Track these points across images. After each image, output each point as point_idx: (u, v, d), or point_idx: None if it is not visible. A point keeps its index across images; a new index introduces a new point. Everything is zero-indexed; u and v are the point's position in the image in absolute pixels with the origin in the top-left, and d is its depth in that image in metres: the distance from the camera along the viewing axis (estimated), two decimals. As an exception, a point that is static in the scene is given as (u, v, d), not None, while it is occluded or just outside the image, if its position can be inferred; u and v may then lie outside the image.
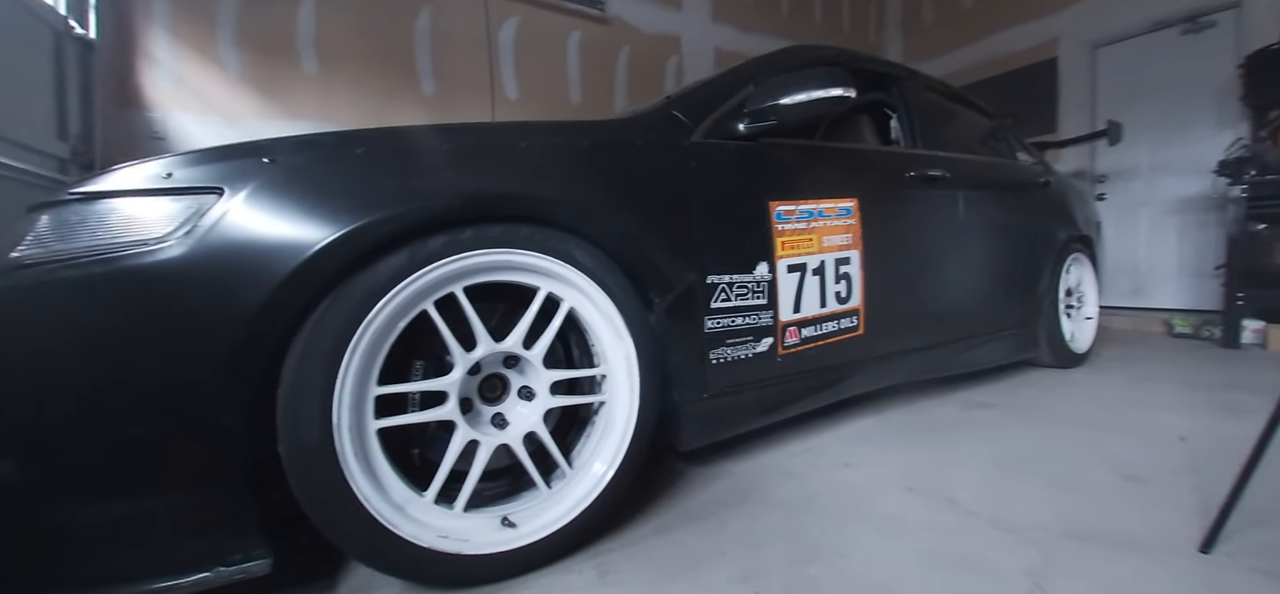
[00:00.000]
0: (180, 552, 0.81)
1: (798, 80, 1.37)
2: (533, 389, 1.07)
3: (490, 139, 1.08)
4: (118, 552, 0.80)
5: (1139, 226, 3.90)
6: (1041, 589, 0.94)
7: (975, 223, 2.06)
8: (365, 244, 0.85)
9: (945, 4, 5.02)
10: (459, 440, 0.96)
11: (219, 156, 0.90)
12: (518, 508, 1.02)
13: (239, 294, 0.81)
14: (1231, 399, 2.08)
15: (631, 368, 1.10)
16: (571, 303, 1.07)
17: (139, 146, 2.77)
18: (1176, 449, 1.58)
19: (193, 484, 0.81)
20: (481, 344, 0.98)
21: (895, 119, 2.10)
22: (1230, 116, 3.42)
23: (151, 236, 0.81)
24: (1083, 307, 2.72)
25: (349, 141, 0.97)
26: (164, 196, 0.85)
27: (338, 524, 0.84)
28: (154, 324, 0.80)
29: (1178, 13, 3.63)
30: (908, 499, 1.28)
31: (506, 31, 3.64)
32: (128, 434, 0.78)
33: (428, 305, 0.93)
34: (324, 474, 0.83)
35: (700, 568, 1.02)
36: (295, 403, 0.82)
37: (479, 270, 0.97)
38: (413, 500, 0.91)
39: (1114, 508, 1.23)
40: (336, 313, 0.84)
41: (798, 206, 1.48)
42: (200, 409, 0.80)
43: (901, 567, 1.02)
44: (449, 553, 0.90)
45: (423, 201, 0.91)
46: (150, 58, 2.80)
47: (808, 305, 1.50)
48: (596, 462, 1.08)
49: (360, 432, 0.87)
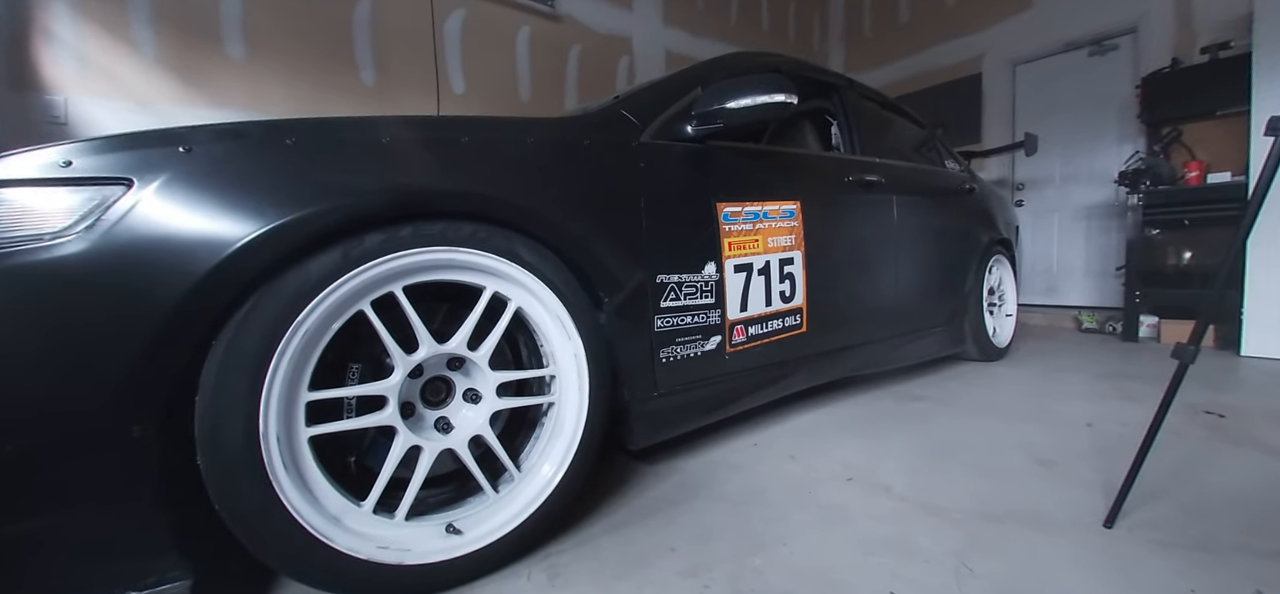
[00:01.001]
0: (87, 576, 0.74)
1: (744, 85, 1.40)
2: (479, 392, 1.05)
3: (431, 132, 1.04)
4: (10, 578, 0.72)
5: (1052, 231, 4.25)
6: (967, 568, 1.01)
7: (908, 225, 2.18)
8: (294, 241, 0.80)
9: (884, 19, 5.28)
10: (399, 447, 0.92)
11: (127, 144, 0.83)
12: (463, 514, 0.99)
13: (149, 294, 0.74)
14: (1130, 388, 2.30)
15: (581, 367, 1.10)
16: (518, 302, 1.05)
17: (37, 132, 2.51)
18: (1083, 434, 1.72)
19: (99, 502, 0.74)
20: (423, 346, 0.95)
21: (835, 126, 2.19)
22: (1130, 132, 3.78)
23: (47, 231, 0.74)
24: (1003, 304, 2.93)
25: (277, 131, 0.91)
26: (63, 187, 0.77)
27: (265, 539, 0.79)
28: (50, 327, 0.73)
29: (1085, 35, 3.97)
30: (847, 489, 1.34)
31: (453, 23, 3.53)
32: (18, 449, 0.70)
33: (364, 305, 0.89)
34: (249, 487, 0.78)
35: (650, 565, 1.02)
36: (216, 411, 0.76)
37: (419, 269, 0.93)
38: (349, 511, 0.87)
39: (1028, 490, 1.33)
40: (262, 314, 0.79)
41: (744, 208, 1.52)
42: (105, 420, 0.73)
43: (840, 553, 1.06)
44: (389, 564, 0.87)
45: (356, 197, 0.87)
46: (50, 35, 2.54)
47: (754, 304, 1.54)
48: (546, 464, 1.07)
49: (290, 440, 0.82)
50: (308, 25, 3.09)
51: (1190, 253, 3.13)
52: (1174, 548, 1.08)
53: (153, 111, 2.74)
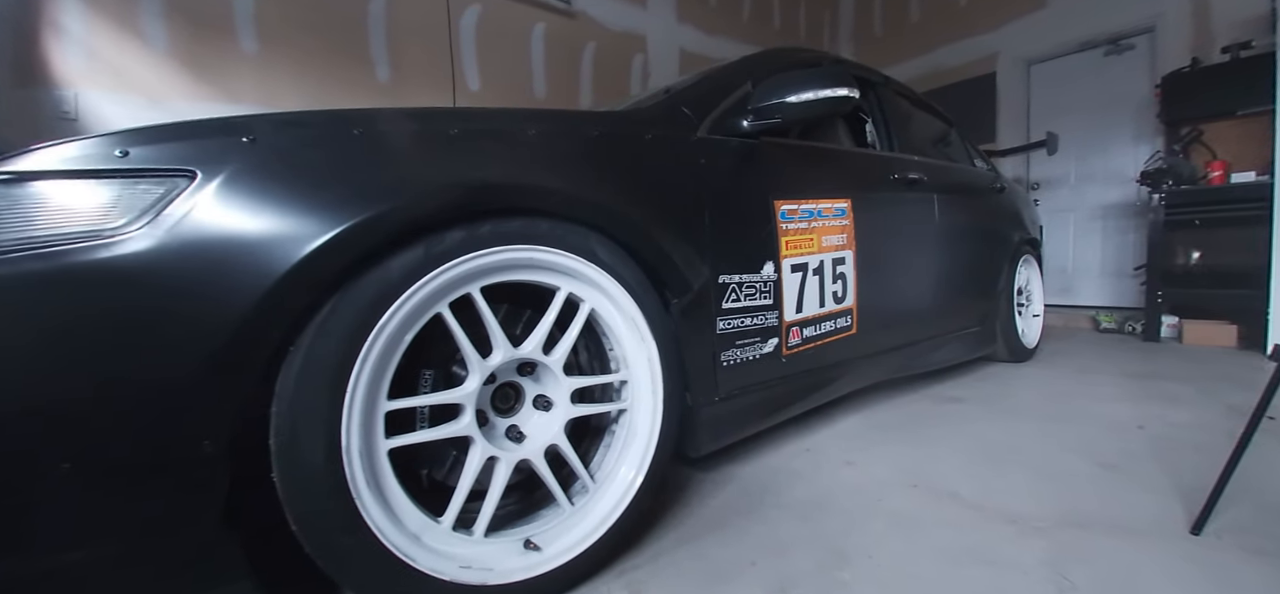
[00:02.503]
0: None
1: (803, 79, 1.36)
2: (550, 398, 0.99)
3: (498, 124, 0.99)
4: (68, 610, 0.66)
5: (1068, 230, 4.24)
6: (1066, 580, 0.97)
7: (948, 225, 2.14)
8: (377, 238, 0.74)
9: (894, 17, 5.27)
10: (477, 457, 0.87)
11: (187, 133, 0.77)
12: (539, 529, 0.93)
13: (222, 296, 0.68)
14: (1167, 388, 2.27)
15: (655, 372, 1.05)
16: (592, 304, 1.00)
17: (45, 128, 2.42)
18: (1137, 437, 1.69)
19: (166, 523, 0.68)
20: (499, 350, 0.89)
21: (869, 124, 2.15)
22: (1147, 131, 3.77)
23: (104, 226, 0.68)
24: (1030, 304, 2.90)
25: (343, 121, 0.85)
26: (121, 179, 0.71)
27: (347, 561, 0.73)
28: (110, 334, 0.66)
29: (1101, 35, 3.96)
30: (914, 496, 1.30)
31: (468, 19, 3.46)
32: (77, 467, 0.64)
33: (442, 307, 0.83)
34: (331, 504, 0.72)
35: (733, 580, 0.97)
36: (295, 423, 0.70)
37: (498, 269, 0.88)
38: (429, 528, 0.81)
39: (1099, 495, 1.29)
40: (343, 317, 0.73)
41: (800, 206, 1.48)
42: (174, 435, 0.67)
43: (927, 565, 1.02)
44: (472, 585, 0.81)
45: (439, 191, 0.81)
46: (59, 28, 2.45)
47: (809, 305, 1.50)
48: (620, 473, 1.02)
49: (370, 453, 0.76)
50: (321, 19, 3.02)
51: (1215, 252, 3.12)
52: (1268, 555, 1.04)
53: (164, 107, 2.66)
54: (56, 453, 0.64)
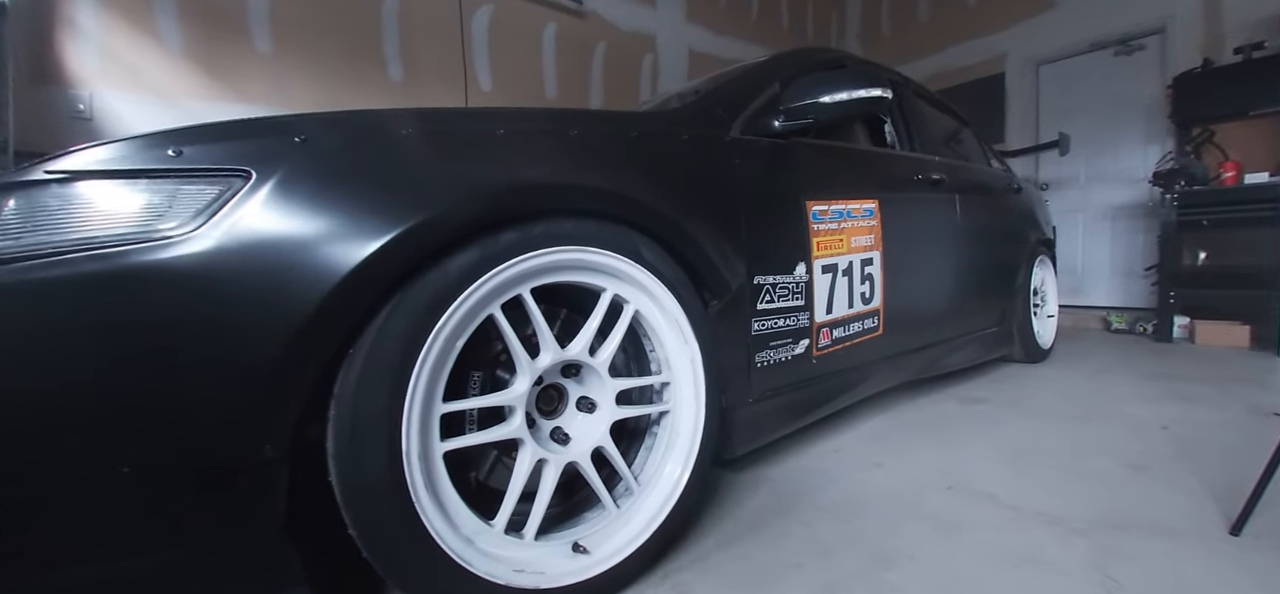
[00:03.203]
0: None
1: (837, 79, 1.35)
2: (593, 400, 0.99)
3: (543, 125, 0.98)
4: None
5: (1077, 231, 4.24)
6: (1113, 580, 0.96)
7: (968, 225, 2.14)
8: (437, 238, 0.74)
9: (903, 18, 5.27)
10: (527, 460, 0.86)
11: (239, 132, 0.76)
12: (585, 531, 0.93)
13: (283, 298, 0.67)
14: (1185, 389, 2.27)
15: (697, 373, 1.04)
16: (636, 305, 0.99)
17: (59, 128, 2.41)
18: (1162, 438, 1.69)
19: (227, 529, 0.67)
20: (547, 352, 0.89)
21: (888, 124, 2.14)
22: (1157, 132, 3.78)
23: (163, 228, 0.67)
24: (1045, 305, 2.90)
25: (391, 121, 0.85)
26: (177, 179, 0.70)
27: (407, 567, 0.73)
28: (170, 336, 0.65)
29: (1111, 35, 3.97)
30: (950, 497, 1.29)
31: (480, 19, 3.46)
32: (138, 472, 0.63)
33: (495, 309, 0.83)
34: (391, 509, 0.71)
35: (779, 583, 0.97)
36: (356, 427, 0.70)
37: (549, 270, 0.87)
38: (482, 531, 0.80)
39: (1134, 497, 1.29)
40: (402, 319, 0.72)
41: (830, 207, 1.47)
42: (235, 439, 0.66)
43: (973, 567, 1.01)
44: (526, 588, 0.80)
45: (495, 191, 0.80)
46: (73, 27, 2.44)
47: (838, 306, 1.49)
48: (664, 475, 1.01)
49: (427, 456, 0.76)
50: (334, 19, 3.01)
51: (1227, 253, 3.12)
52: (1311, 558, 1.03)
53: (177, 107, 2.65)
54: (116, 458, 0.64)
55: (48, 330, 0.63)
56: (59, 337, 0.63)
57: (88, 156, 0.71)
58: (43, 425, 0.63)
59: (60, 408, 0.63)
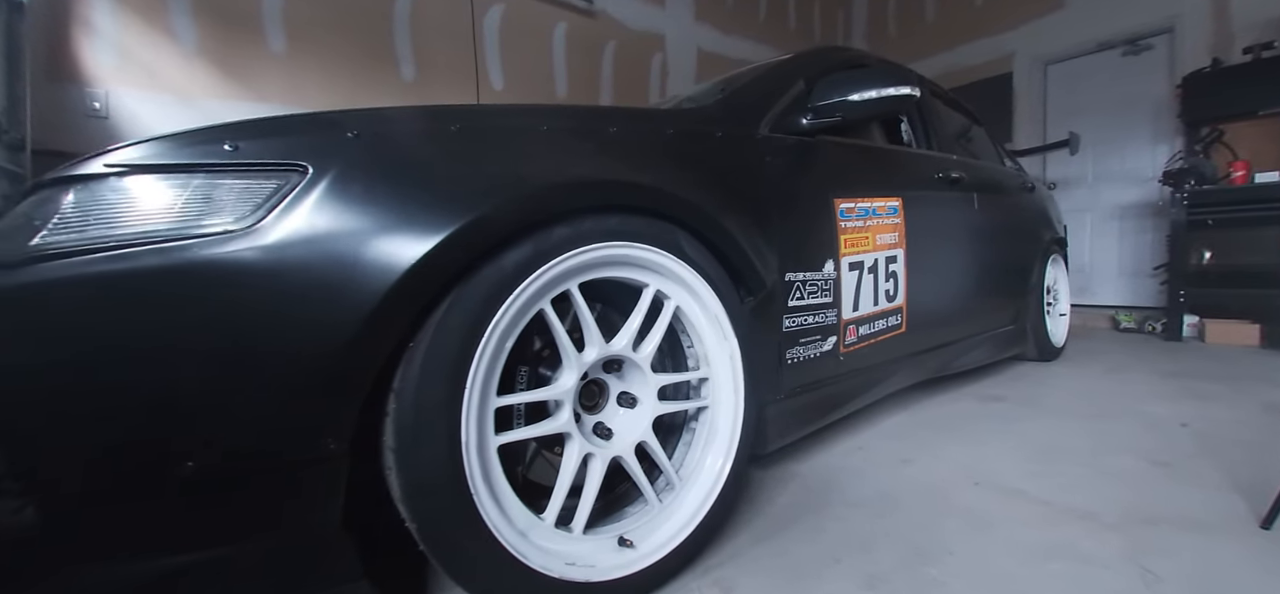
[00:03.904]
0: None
1: (865, 77, 1.36)
2: (634, 395, 0.99)
3: (583, 122, 0.99)
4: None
5: (1085, 230, 4.25)
6: (1152, 573, 0.97)
7: (985, 223, 2.15)
8: (495, 234, 0.75)
9: (909, 18, 5.28)
10: (575, 454, 0.87)
11: (293, 128, 0.77)
12: (629, 526, 0.93)
13: (345, 292, 0.67)
14: (1199, 387, 2.28)
15: (736, 369, 1.05)
16: (677, 301, 1.00)
17: (75, 126, 2.41)
18: (1182, 435, 1.69)
19: (291, 523, 0.68)
20: (593, 347, 0.89)
21: (905, 122, 2.15)
22: (1165, 131, 3.79)
23: (224, 222, 0.67)
24: (1057, 303, 2.91)
25: (439, 116, 0.86)
26: (234, 174, 0.70)
27: (466, 561, 0.73)
28: (232, 331, 0.65)
29: (1119, 35, 3.98)
30: (980, 494, 1.30)
31: (491, 18, 3.46)
32: (201, 468, 0.64)
33: (545, 304, 0.83)
34: (452, 502, 0.72)
35: (820, 577, 0.97)
36: (418, 421, 0.70)
37: (597, 265, 0.88)
38: (534, 525, 0.81)
39: (1161, 493, 1.30)
40: (461, 313, 0.73)
41: (857, 204, 1.48)
42: (299, 434, 0.67)
43: (1011, 561, 1.02)
44: (578, 582, 0.81)
45: (549, 187, 0.81)
46: (89, 25, 2.44)
47: (864, 303, 1.50)
48: (704, 471, 1.02)
49: (483, 451, 0.76)
50: (348, 19, 3.01)
51: (1237, 252, 3.13)
52: (1344, 551, 1.04)
53: (193, 106, 2.66)
54: (180, 454, 0.64)
55: (110, 325, 0.63)
56: (122, 332, 0.63)
57: (143, 151, 0.71)
58: (106, 422, 0.63)
59: (123, 404, 0.63)
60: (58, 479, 0.63)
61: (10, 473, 0.64)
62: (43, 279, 0.63)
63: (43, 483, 0.63)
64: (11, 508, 0.65)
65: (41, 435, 0.62)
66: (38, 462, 0.63)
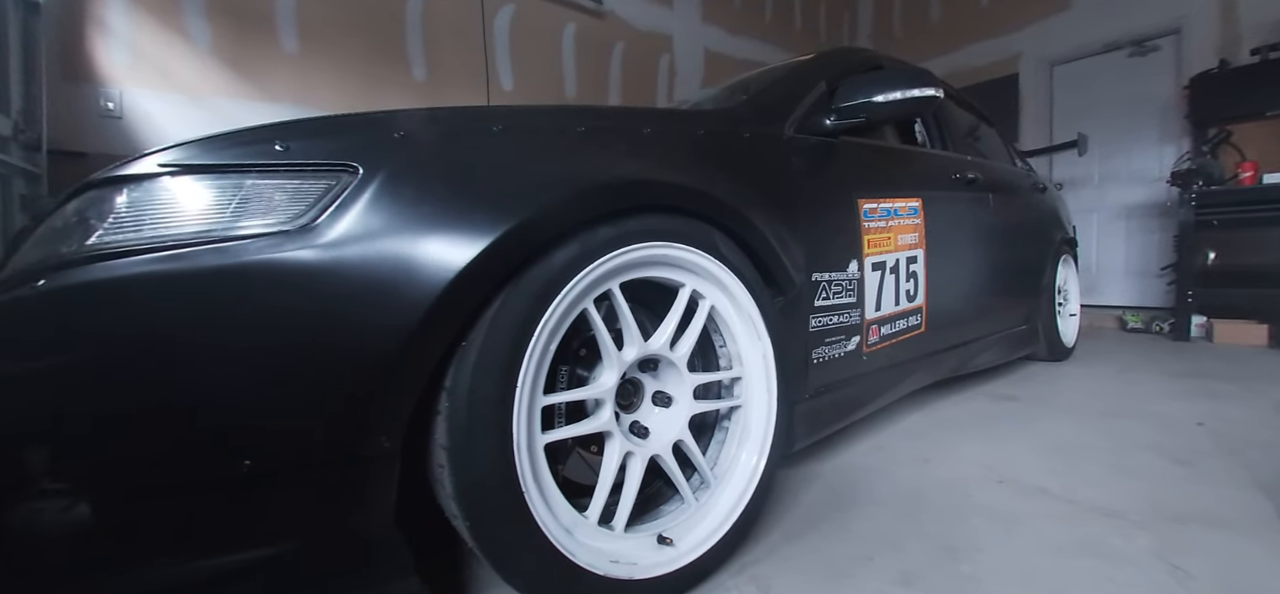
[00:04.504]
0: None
1: (890, 79, 1.37)
2: (669, 395, 1.00)
3: (619, 123, 1.00)
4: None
5: (1091, 230, 4.26)
6: (1182, 570, 0.98)
7: (999, 224, 2.16)
8: (545, 233, 0.75)
9: (915, 19, 5.29)
10: (616, 452, 0.87)
11: (343, 128, 0.78)
12: (667, 524, 0.94)
13: (402, 290, 0.68)
14: (1212, 387, 2.29)
15: (769, 368, 1.06)
16: (712, 301, 1.01)
17: (89, 125, 2.42)
18: (1199, 434, 1.71)
19: (349, 520, 0.69)
20: (632, 346, 0.90)
21: (919, 122, 2.16)
22: (1171, 132, 3.80)
23: (278, 222, 0.68)
24: (1067, 303, 2.92)
25: (481, 117, 0.86)
26: (286, 175, 0.71)
27: (517, 559, 0.74)
28: (290, 330, 0.66)
29: (1126, 36, 3.99)
30: (1004, 491, 1.31)
31: (502, 18, 3.47)
32: (257, 468, 0.64)
33: (588, 303, 0.84)
34: (504, 500, 0.72)
35: (855, 574, 0.98)
36: (471, 419, 0.70)
37: (638, 265, 0.89)
38: (579, 523, 0.82)
39: (1183, 490, 1.31)
40: (512, 312, 0.74)
41: (880, 205, 1.49)
42: (354, 431, 0.67)
43: (1041, 559, 1.03)
44: (622, 579, 0.82)
45: (602, 187, 0.82)
46: (103, 25, 2.45)
47: (886, 303, 1.51)
48: (738, 471, 1.03)
49: (531, 449, 0.77)
50: (360, 19, 3.02)
51: (1246, 253, 3.14)
52: (1370, 549, 1.05)
53: (206, 106, 2.66)
54: (236, 451, 0.64)
55: (169, 324, 0.64)
56: (179, 331, 0.64)
57: (194, 151, 0.72)
58: (163, 420, 0.63)
59: (179, 403, 0.63)
60: (115, 478, 0.64)
61: (50, 472, 0.65)
62: (101, 278, 0.63)
63: (100, 481, 0.64)
64: (61, 506, 0.66)
65: (99, 434, 0.63)
66: (95, 460, 0.63)
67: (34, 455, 0.63)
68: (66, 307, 0.63)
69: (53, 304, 0.63)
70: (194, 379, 0.64)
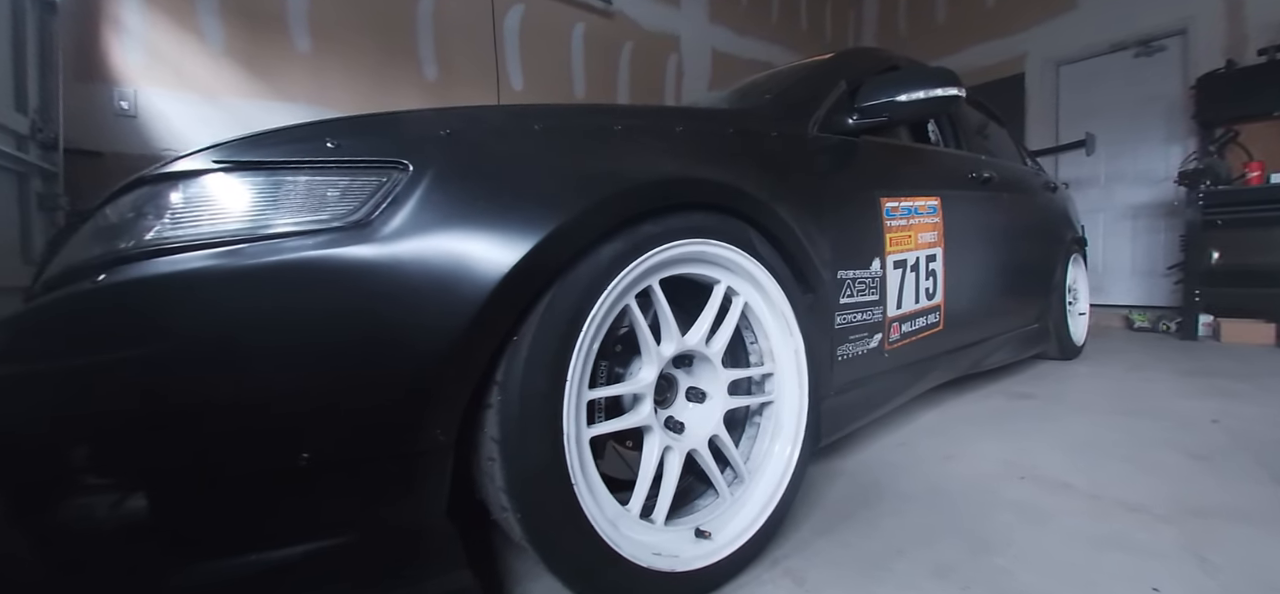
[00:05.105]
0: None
1: (911, 78, 1.38)
2: (703, 390, 1.01)
3: (654, 122, 1.01)
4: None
5: (1097, 230, 4.28)
6: (1210, 562, 0.99)
7: (1013, 223, 2.17)
8: (593, 230, 0.76)
9: (920, 19, 5.31)
10: (656, 447, 0.88)
11: (391, 125, 0.79)
12: (703, 518, 0.95)
13: (457, 286, 0.68)
14: (1223, 385, 2.31)
15: (800, 365, 1.07)
16: (745, 298, 1.01)
17: (104, 124, 2.43)
18: (1215, 431, 1.72)
19: (404, 512, 0.69)
20: (669, 341, 0.91)
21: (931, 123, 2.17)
22: (1178, 132, 3.82)
23: (333, 217, 0.68)
24: (1077, 302, 2.93)
25: (521, 116, 0.87)
26: (340, 171, 0.72)
27: (566, 551, 0.74)
28: (347, 325, 0.66)
29: (1132, 36, 4.01)
30: (1028, 487, 1.32)
31: (512, 18, 3.48)
32: (314, 462, 0.65)
33: (629, 299, 0.85)
34: (556, 493, 0.73)
35: (889, 567, 0.99)
36: (524, 412, 0.71)
37: (678, 262, 0.90)
38: (622, 516, 0.83)
39: (1204, 485, 1.32)
40: (561, 307, 0.74)
41: (901, 203, 1.50)
42: (410, 425, 0.68)
43: (1072, 552, 1.04)
44: (665, 571, 0.83)
45: (649, 184, 0.83)
46: (118, 25, 2.45)
47: (907, 301, 1.52)
48: (771, 464, 1.04)
49: (579, 442, 0.78)
50: (372, 19, 3.03)
51: (1253, 252, 3.16)
52: (1394, 542, 1.06)
53: (220, 105, 2.67)
54: (294, 445, 0.65)
55: (227, 319, 0.64)
56: (237, 326, 0.65)
57: (247, 147, 0.73)
58: (223, 414, 0.64)
59: (238, 397, 0.64)
60: (175, 472, 0.64)
61: (110, 465, 0.66)
62: (162, 273, 0.64)
63: (159, 475, 0.64)
64: (118, 501, 0.67)
65: (159, 427, 0.63)
66: (155, 453, 0.64)
67: (91, 449, 0.64)
68: (127, 301, 0.64)
69: (114, 298, 0.64)
70: (253, 372, 0.65)
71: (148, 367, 0.62)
